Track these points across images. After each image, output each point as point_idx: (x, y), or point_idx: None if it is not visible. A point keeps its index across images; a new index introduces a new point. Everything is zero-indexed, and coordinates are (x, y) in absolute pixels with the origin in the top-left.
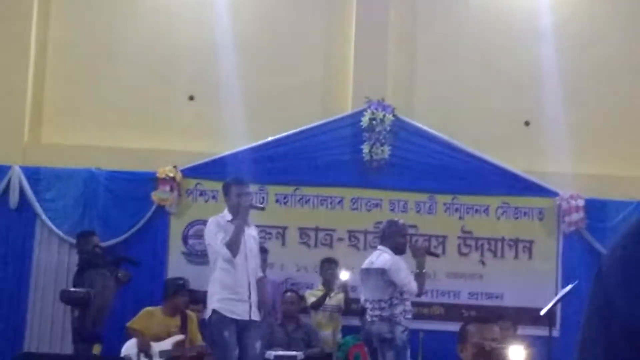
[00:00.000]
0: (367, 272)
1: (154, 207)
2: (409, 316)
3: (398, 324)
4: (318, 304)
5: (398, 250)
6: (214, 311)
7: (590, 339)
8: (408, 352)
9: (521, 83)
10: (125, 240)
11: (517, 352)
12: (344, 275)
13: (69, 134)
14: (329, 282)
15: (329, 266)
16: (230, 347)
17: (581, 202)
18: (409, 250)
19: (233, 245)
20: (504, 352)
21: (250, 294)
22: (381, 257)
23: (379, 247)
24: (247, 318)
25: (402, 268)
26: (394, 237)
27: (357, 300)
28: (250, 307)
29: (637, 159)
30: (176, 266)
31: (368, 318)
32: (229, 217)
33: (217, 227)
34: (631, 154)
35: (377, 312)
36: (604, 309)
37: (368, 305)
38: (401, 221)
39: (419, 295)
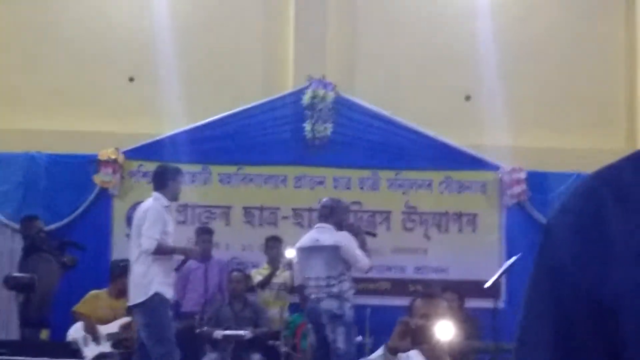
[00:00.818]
0: (314, 249)
1: (96, 190)
2: (353, 292)
3: (346, 300)
4: (264, 283)
5: (340, 227)
6: (156, 293)
7: (536, 311)
8: (355, 328)
9: (461, 58)
10: (68, 223)
11: (443, 329)
12: (290, 253)
13: (8, 118)
14: (274, 261)
15: (274, 244)
16: (171, 327)
17: (523, 175)
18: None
19: (166, 251)
20: (430, 329)
21: None
22: (328, 234)
23: (320, 224)
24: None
25: (355, 245)
26: (339, 215)
27: None
28: None
29: (577, 130)
30: (121, 248)
31: (313, 295)
32: (165, 202)
33: (158, 216)
34: (570, 126)
35: (325, 290)
36: (553, 274)
37: (312, 283)
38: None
39: (367, 271)
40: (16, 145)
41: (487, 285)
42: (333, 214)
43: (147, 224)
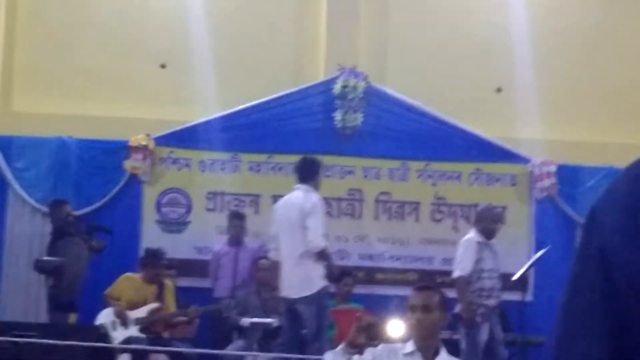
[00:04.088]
0: None
1: (126, 176)
2: None
3: None
4: None
5: None
6: (325, 286)
7: (584, 294)
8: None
9: (493, 50)
10: (98, 209)
11: (394, 327)
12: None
13: (40, 103)
14: None
15: None
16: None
17: (553, 168)
18: None
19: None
20: (382, 327)
21: None
22: None
23: None
24: None
25: None
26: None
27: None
28: None
29: (608, 124)
30: (150, 234)
31: None
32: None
33: (323, 211)
34: (602, 120)
35: None
36: (603, 256)
37: None
38: None
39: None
40: (48, 129)
41: (515, 277)
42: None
43: (315, 221)
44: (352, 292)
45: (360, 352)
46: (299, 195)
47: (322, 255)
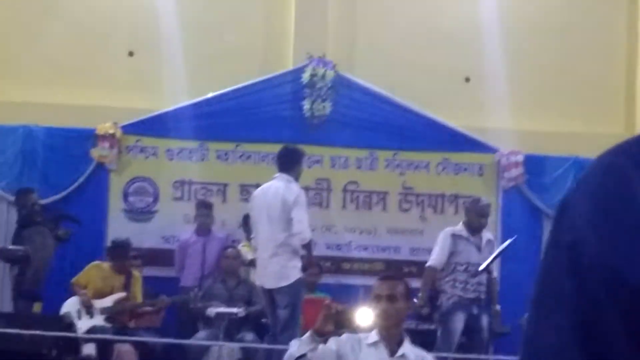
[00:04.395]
0: None
1: (93, 164)
2: None
3: None
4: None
5: None
6: (299, 278)
7: (553, 290)
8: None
9: (461, 39)
10: (64, 197)
11: (362, 315)
12: None
13: (5, 90)
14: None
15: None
16: None
17: (520, 158)
18: None
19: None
20: (351, 314)
21: None
22: None
23: None
24: None
25: None
26: None
27: None
28: None
29: (575, 114)
30: (116, 223)
31: None
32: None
33: (306, 202)
34: (569, 110)
35: None
36: (574, 250)
37: None
38: None
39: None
40: (14, 117)
41: (481, 268)
42: None
43: (300, 212)
44: (319, 281)
45: (326, 341)
46: (280, 186)
47: (306, 247)
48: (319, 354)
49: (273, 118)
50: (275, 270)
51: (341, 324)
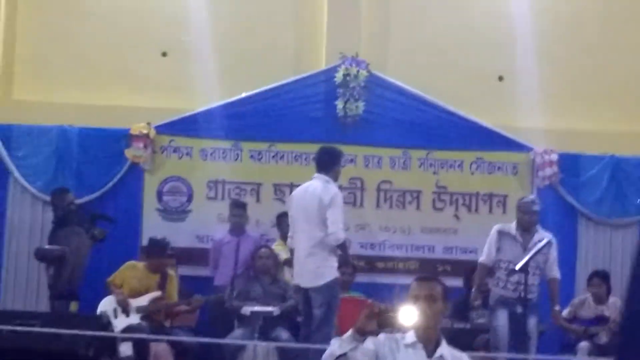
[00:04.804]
0: None
1: (127, 164)
2: None
3: None
4: (291, 260)
5: None
6: (335, 278)
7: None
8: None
9: (495, 38)
10: (99, 197)
11: (405, 314)
12: None
13: (40, 91)
14: (286, 236)
15: (283, 220)
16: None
17: (555, 157)
18: None
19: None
20: (393, 314)
21: None
22: None
23: None
24: None
25: None
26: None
27: None
28: None
29: (610, 113)
30: (151, 223)
31: None
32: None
33: (342, 203)
34: (604, 109)
35: None
36: None
37: None
38: None
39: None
40: (49, 118)
41: (517, 267)
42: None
43: (335, 212)
44: (353, 280)
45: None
46: (317, 186)
47: (341, 247)
48: (358, 353)
49: (306, 118)
50: (311, 269)
51: (383, 324)
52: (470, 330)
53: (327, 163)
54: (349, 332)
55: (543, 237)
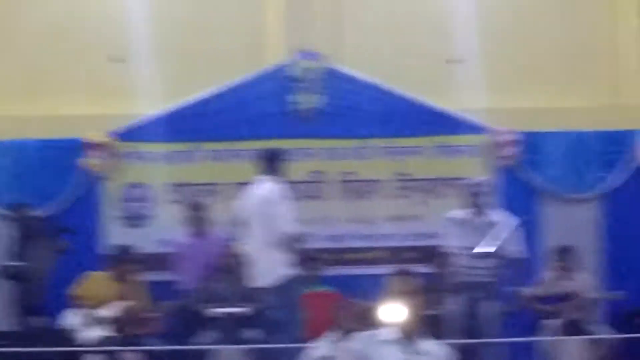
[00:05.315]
0: None
1: (85, 174)
2: None
3: None
4: None
5: None
6: (289, 275)
7: None
8: None
9: (449, 21)
10: (59, 208)
11: (386, 311)
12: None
13: None
14: None
15: None
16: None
17: (514, 137)
18: None
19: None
20: (373, 312)
21: None
22: None
23: None
24: None
25: None
26: None
27: None
28: None
29: (566, 89)
30: (114, 230)
31: None
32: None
33: (290, 199)
34: (560, 85)
35: None
36: None
37: None
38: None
39: None
40: (3, 132)
41: (481, 250)
42: None
43: (283, 209)
44: (321, 274)
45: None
46: (264, 187)
47: (294, 242)
48: (342, 353)
49: (264, 114)
50: (263, 268)
51: (365, 321)
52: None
53: (271, 163)
54: (331, 332)
55: (496, 217)
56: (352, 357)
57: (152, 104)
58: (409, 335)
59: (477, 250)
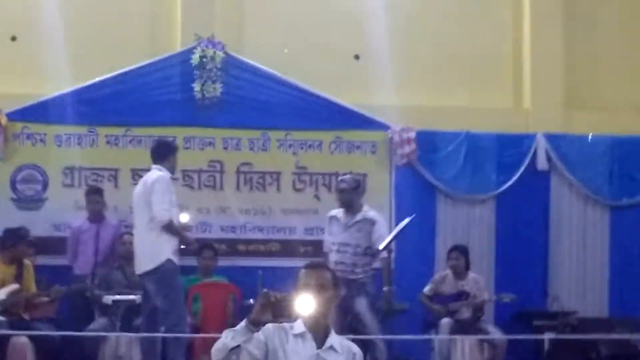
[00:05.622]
0: None
1: None
2: None
3: None
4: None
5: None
6: (168, 260)
7: None
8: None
9: (350, 17)
10: None
11: (302, 303)
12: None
13: None
14: None
15: None
16: (181, 292)
17: (412, 134)
18: None
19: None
20: (290, 303)
21: None
22: None
23: None
24: None
25: None
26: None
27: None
28: None
29: (465, 90)
30: (5, 212)
31: None
32: (168, 174)
33: (167, 187)
34: (459, 86)
35: None
36: None
37: None
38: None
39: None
40: None
41: (381, 246)
42: None
43: (157, 195)
44: (215, 265)
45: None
46: (151, 175)
47: (169, 228)
48: (251, 345)
49: (163, 101)
50: (142, 254)
51: (278, 313)
52: None
53: (162, 154)
54: (243, 323)
55: (365, 215)
56: (260, 349)
57: (51, 85)
58: (316, 330)
59: (343, 247)
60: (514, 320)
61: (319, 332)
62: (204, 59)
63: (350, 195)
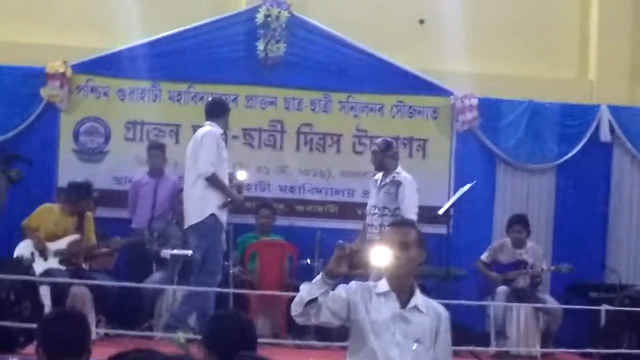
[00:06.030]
0: None
1: (43, 104)
2: None
3: None
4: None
5: None
6: (212, 214)
7: None
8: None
9: None
10: (13, 137)
11: (377, 255)
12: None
13: None
14: None
15: None
16: (222, 249)
17: (475, 102)
18: None
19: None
20: (365, 255)
21: None
22: None
23: None
24: None
25: None
26: None
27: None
28: None
29: (529, 58)
30: (67, 164)
31: None
32: (220, 130)
33: (214, 141)
34: (524, 54)
35: None
36: None
37: None
38: None
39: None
40: None
41: (441, 211)
42: None
43: (204, 149)
44: (273, 224)
45: (337, 283)
46: (202, 130)
47: (212, 182)
48: (329, 299)
49: (226, 59)
50: (188, 208)
51: (354, 265)
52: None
53: (216, 112)
54: (319, 276)
55: (395, 177)
56: (342, 306)
57: (117, 39)
58: (400, 289)
59: (372, 209)
60: (570, 291)
61: (403, 292)
62: (269, 18)
63: (381, 157)
